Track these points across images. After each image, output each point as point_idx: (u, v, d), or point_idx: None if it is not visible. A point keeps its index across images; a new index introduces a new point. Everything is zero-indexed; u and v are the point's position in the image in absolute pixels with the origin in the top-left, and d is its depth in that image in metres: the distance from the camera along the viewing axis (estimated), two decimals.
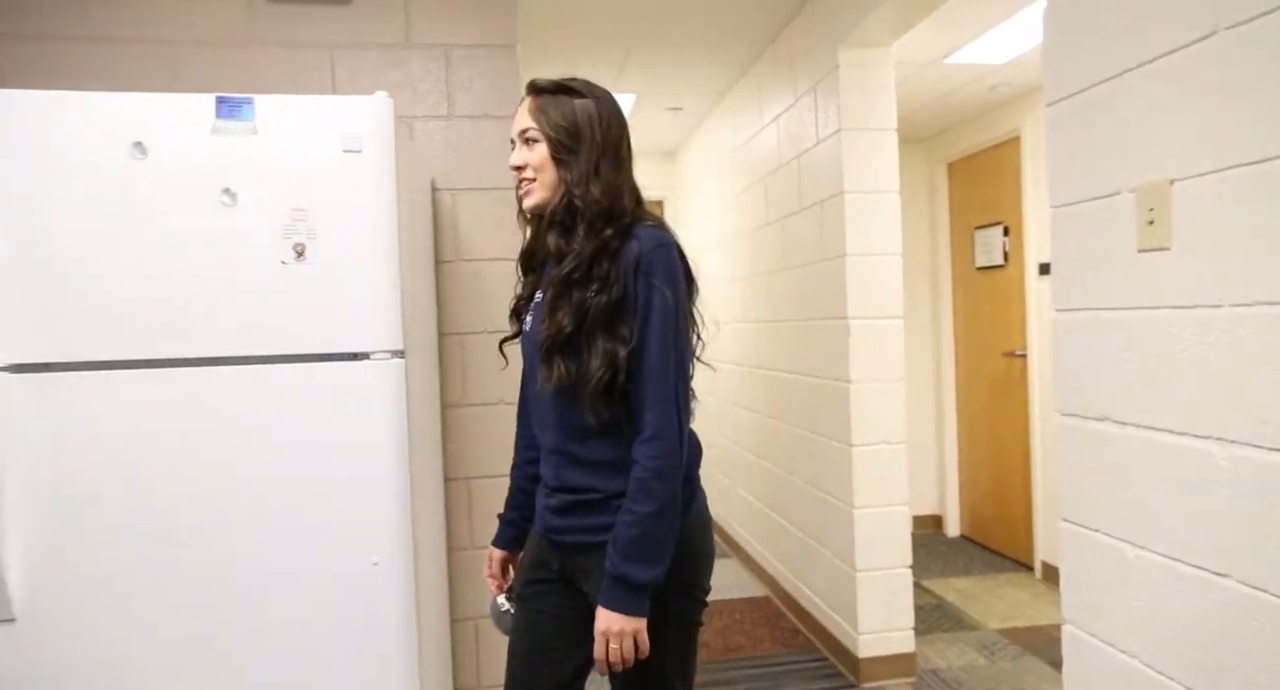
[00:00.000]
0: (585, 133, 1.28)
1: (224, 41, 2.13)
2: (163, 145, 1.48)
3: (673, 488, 1.22)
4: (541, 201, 1.30)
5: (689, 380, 1.28)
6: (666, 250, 1.24)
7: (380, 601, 1.56)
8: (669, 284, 1.23)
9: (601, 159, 1.27)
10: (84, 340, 1.46)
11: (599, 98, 1.31)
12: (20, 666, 1.43)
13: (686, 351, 1.27)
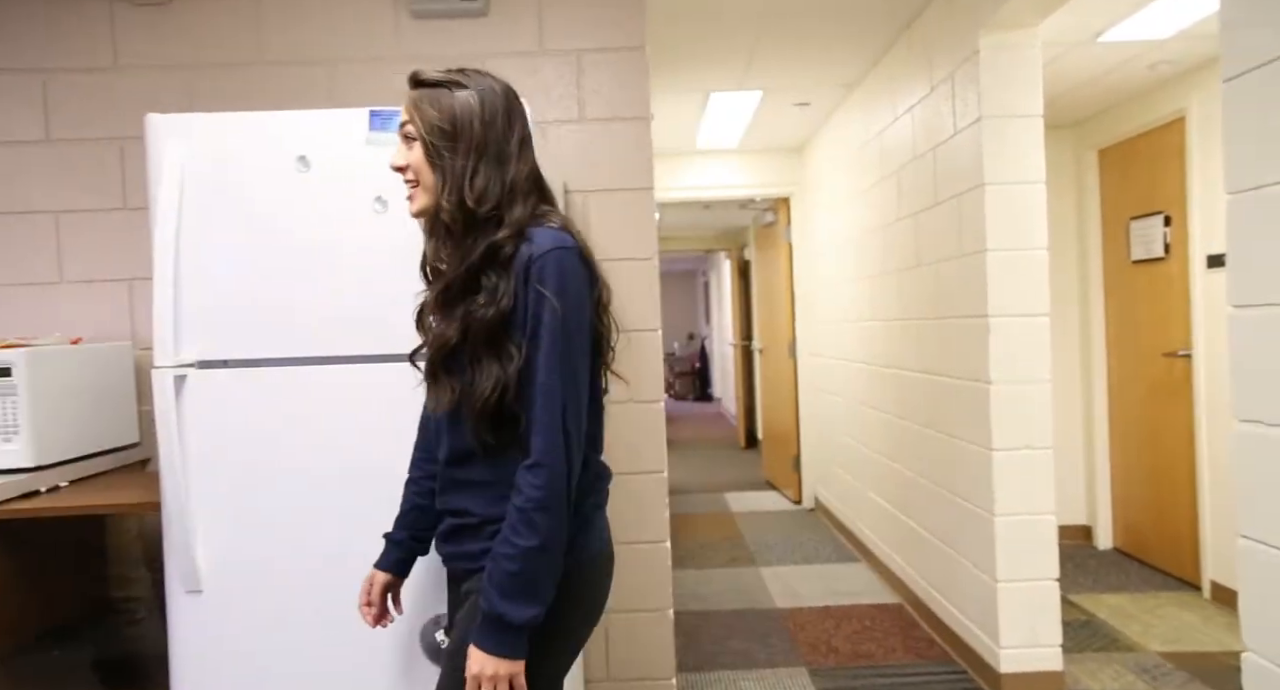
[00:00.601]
0: (464, 129, 1.15)
1: (375, 58, 2.27)
2: (323, 157, 1.59)
3: (556, 520, 1.09)
4: (424, 206, 1.18)
5: (583, 401, 1.13)
6: (560, 255, 1.11)
7: None
8: (560, 293, 1.10)
9: (483, 156, 1.15)
10: (259, 339, 1.59)
11: (484, 88, 1.18)
12: (208, 632, 1.59)
13: (581, 368, 1.13)
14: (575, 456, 1.11)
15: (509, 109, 1.19)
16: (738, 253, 8.29)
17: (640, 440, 2.28)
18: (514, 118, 1.20)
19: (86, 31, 2.26)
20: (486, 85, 1.19)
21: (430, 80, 1.20)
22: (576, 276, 1.13)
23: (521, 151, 1.19)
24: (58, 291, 2.26)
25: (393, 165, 1.22)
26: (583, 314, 1.14)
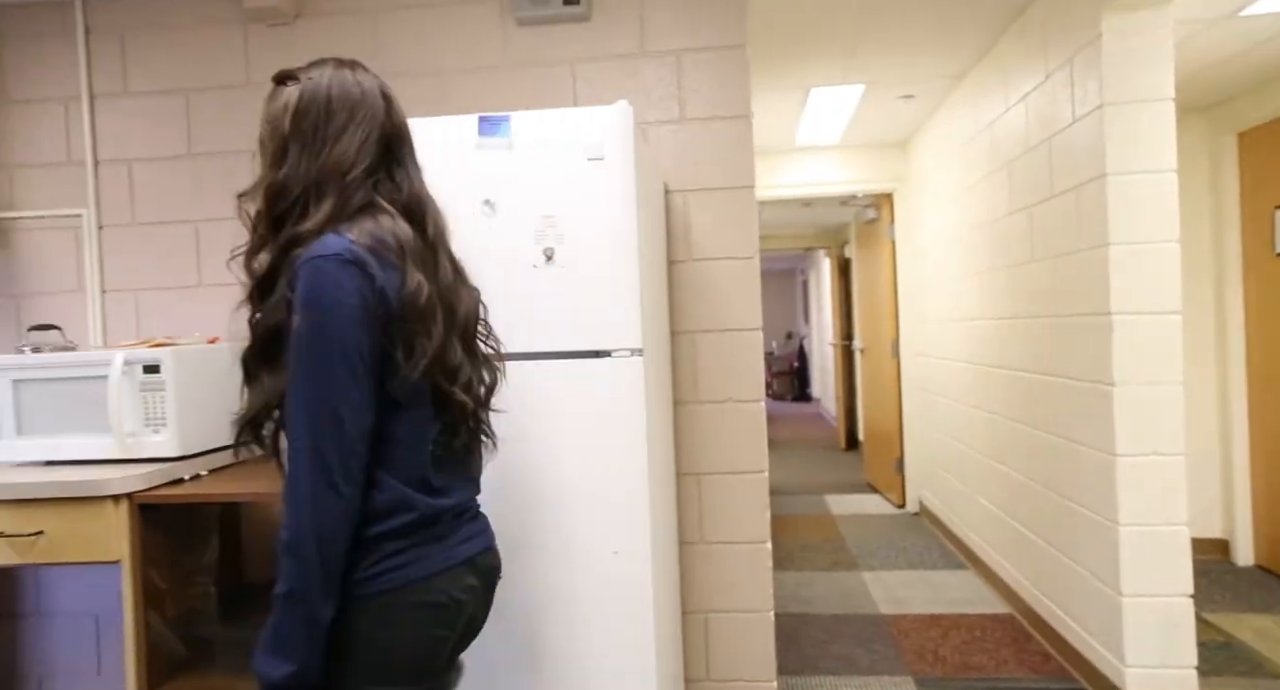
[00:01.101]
0: (276, 127, 1.10)
1: (482, 66, 2.34)
2: (437, 162, 1.65)
3: (303, 566, 0.97)
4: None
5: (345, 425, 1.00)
6: (317, 264, 1.00)
7: (620, 590, 1.64)
8: (308, 306, 1.00)
9: (285, 152, 1.08)
10: None
11: (310, 78, 1.11)
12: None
13: (339, 390, 1.00)
14: (325, 489, 0.98)
15: (330, 103, 1.10)
16: (838, 250, 8.12)
17: (740, 440, 2.27)
18: (334, 112, 1.10)
19: (223, 53, 2.43)
20: (313, 81, 1.11)
21: (277, 78, 1.14)
22: (333, 289, 1.00)
23: (334, 147, 1.09)
24: (197, 294, 2.44)
25: None
26: (340, 331, 1.01)
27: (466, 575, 1.14)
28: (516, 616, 1.65)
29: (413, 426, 1.10)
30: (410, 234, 1.12)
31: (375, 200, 1.11)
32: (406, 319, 1.06)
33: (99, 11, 2.45)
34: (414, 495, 1.09)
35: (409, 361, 1.06)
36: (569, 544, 1.64)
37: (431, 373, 1.10)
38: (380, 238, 1.07)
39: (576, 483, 1.64)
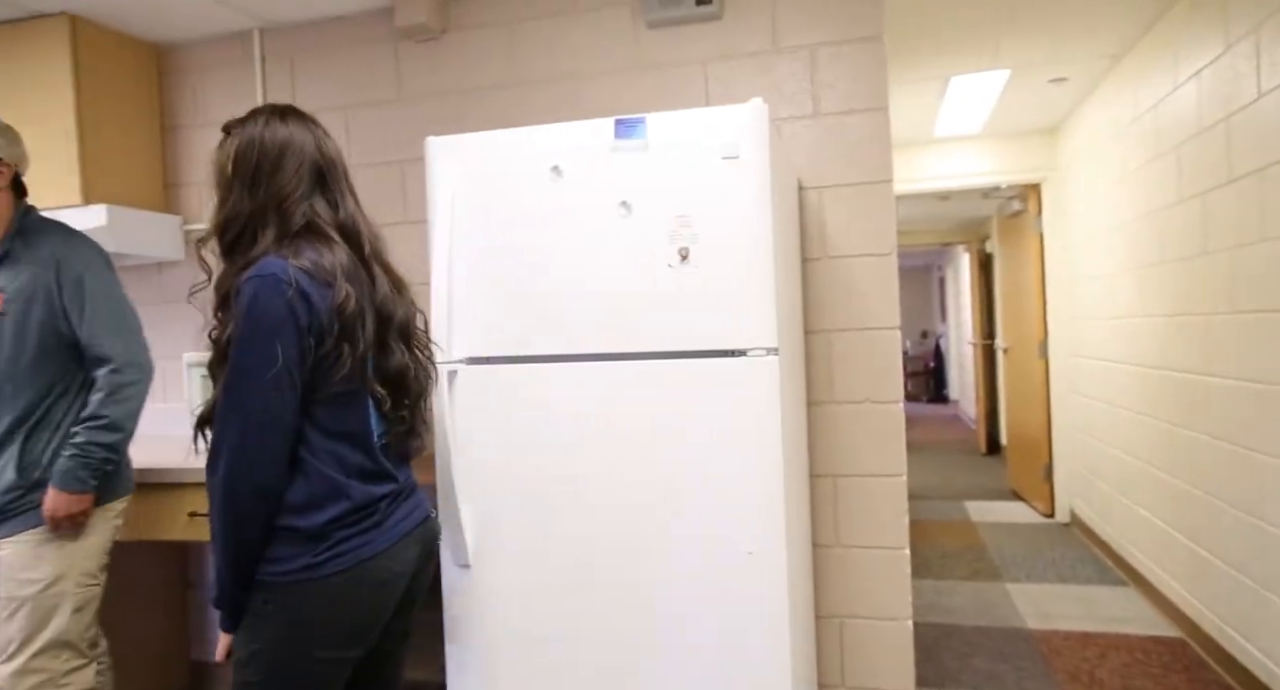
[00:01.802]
0: (220, 172, 1.29)
1: (615, 69, 2.39)
2: (574, 166, 1.70)
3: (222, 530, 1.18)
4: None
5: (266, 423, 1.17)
6: (255, 283, 1.17)
7: (754, 590, 1.62)
8: (243, 318, 1.17)
9: (230, 194, 1.27)
10: (520, 337, 1.73)
11: (245, 135, 1.29)
12: (475, 603, 1.76)
13: (256, 392, 1.16)
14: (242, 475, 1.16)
15: (263, 145, 1.28)
16: (978, 245, 7.72)
17: (878, 442, 2.20)
18: (266, 153, 1.28)
19: (377, 70, 2.59)
20: (247, 131, 1.30)
21: (223, 129, 1.34)
22: (264, 303, 1.17)
23: (269, 182, 1.27)
24: None
25: None
26: (265, 340, 1.16)
27: (409, 547, 1.33)
28: (650, 612, 1.67)
29: (350, 422, 1.27)
30: (345, 253, 1.28)
31: (314, 221, 1.28)
32: (337, 327, 1.22)
33: (273, 40, 2.68)
34: (348, 483, 1.25)
35: (338, 363, 1.22)
36: (702, 543, 1.64)
37: (363, 374, 1.27)
38: (314, 258, 1.23)
39: (710, 482, 1.64)
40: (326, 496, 1.23)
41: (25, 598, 1.72)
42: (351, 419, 1.27)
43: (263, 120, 1.32)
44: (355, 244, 1.33)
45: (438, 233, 1.75)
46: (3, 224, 1.77)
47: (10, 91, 2.50)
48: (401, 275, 1.44)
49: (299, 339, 1.19)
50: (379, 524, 1.28)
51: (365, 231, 1.35)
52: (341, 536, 1.23)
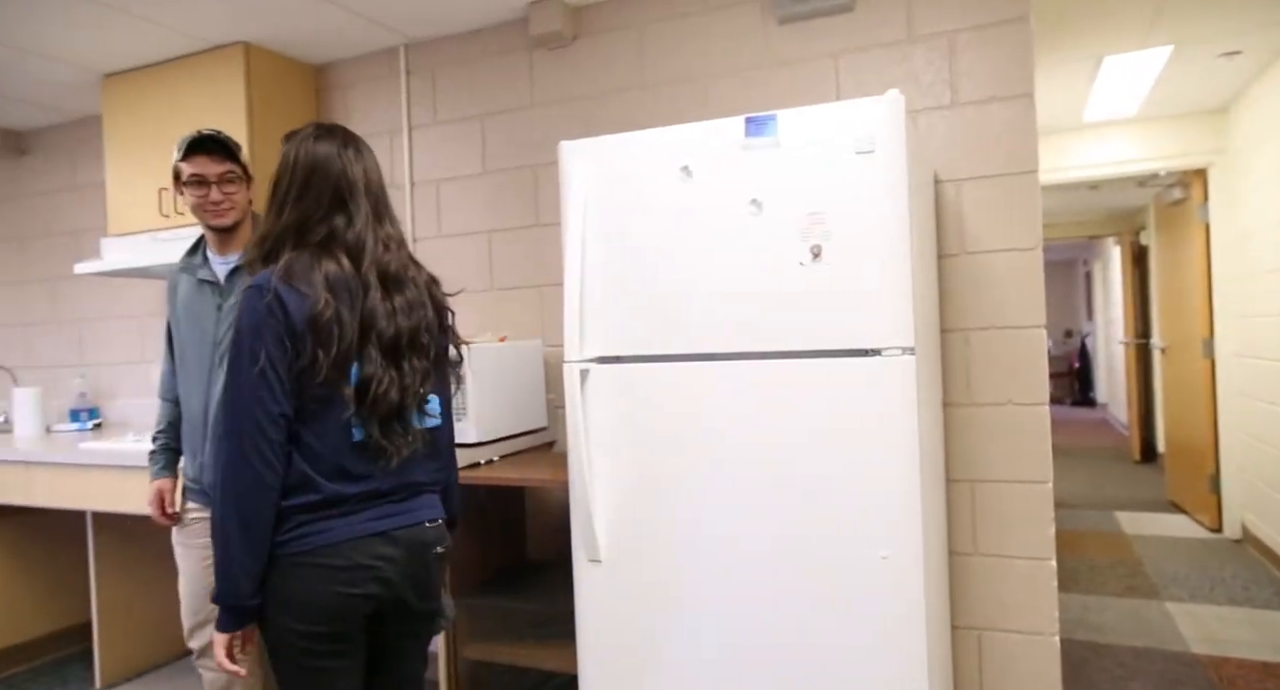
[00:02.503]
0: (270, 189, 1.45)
1: (743, 68, 2.38)
2: (704, 165, 1.70)
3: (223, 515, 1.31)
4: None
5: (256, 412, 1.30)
6: (246, 293, 1.35)
7: (889, 596, 1.58)
8: (237, 323, 1.34)
9: (269, 211, 1.44)
10: (650, 336, 1.76)
11: (287, 144, 1.46)
12: (606, 597, 1.80)
13: (246, 387, 1.31)
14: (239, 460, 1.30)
15: (295, 171, 1.43)
16: (1131, 237, 7.16)
17: (1020, 446, 2.09)
18: (295, 180, 1.43)
19: (511, 79, 2.69)
20: (286, 154, 1.45)
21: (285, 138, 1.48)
22: (252, 312, 1.33)
23: (292, 210, 1.42)
24: (488, 297, 2.73)
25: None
26: (250, 341, 1.32)
27: (379, 545, 1.39)
28: (779, 614, 1.65)
29: (326, 422, 1.36)
30: (345, 268, 1.40)
31: (326, 239, 1.42)
32: (311, 333, 1.33)
33: (417, 55, 2.83)
34: (319, 479, 1.36)
35: (314, 367, 1.33)
36: (834, 545, 1.61)
37: (340, 379, 1.35)
38: (301, 270, 1.36)
39: (842, 483, 1.61)
40: (297, 486, 1.35)
41: None
42: (329, 420, 1.36)
43: (298, 141, 1.46)
44: (356, 261, 1.42)
45: (570, 234, 1.80)
46: (245, 233, 1.96)
47: (194, 114, 2.76)
48: (427, 289, 1.54)
49: (278, 340, 1.33)
50: (347, 515, 1.38)
51: (369, 250, 1.44)
52: (300, 521, 1.35)
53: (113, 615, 2.87)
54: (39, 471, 2.69)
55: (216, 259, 1.98)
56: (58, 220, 3.66)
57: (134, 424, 3.42)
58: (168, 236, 2.75)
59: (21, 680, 2.96)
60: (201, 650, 2.00)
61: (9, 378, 3.71)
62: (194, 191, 1.89)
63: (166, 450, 2.05)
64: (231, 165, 1.90)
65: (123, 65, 2.91)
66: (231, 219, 1.92)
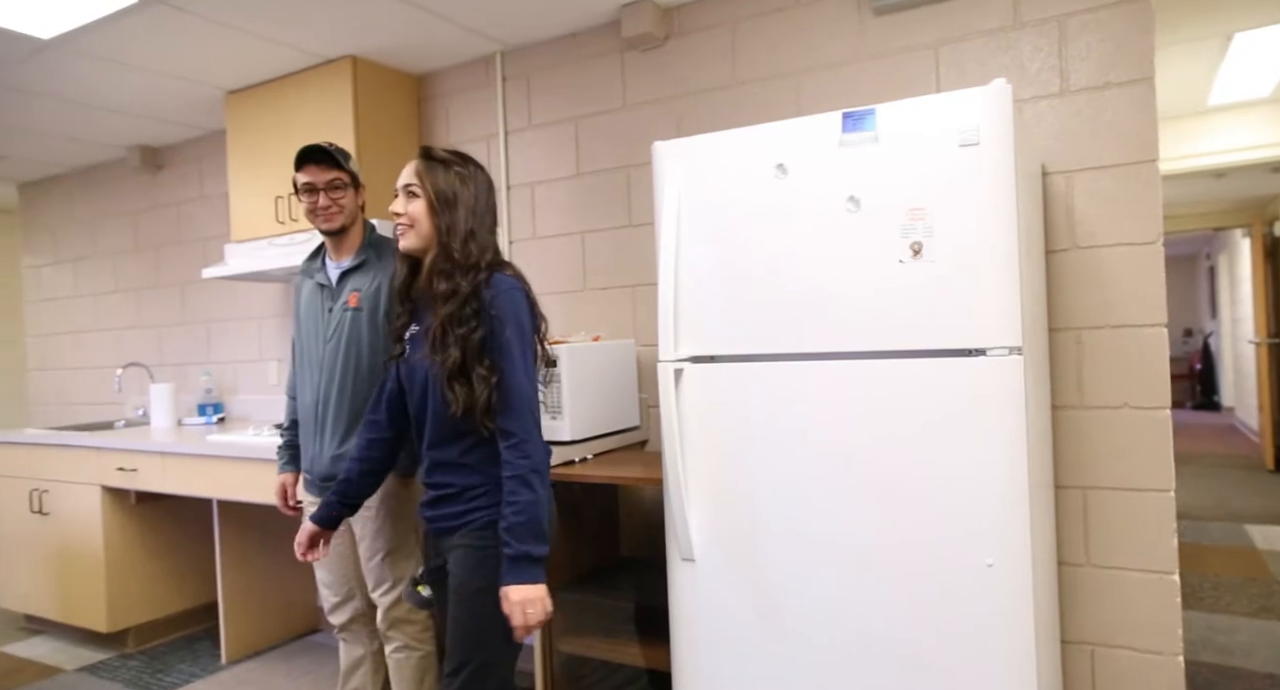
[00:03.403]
0: (463, 199, 1.57)
1: (837, 62, 2.33)
2: (798, 163, 1.69)
3: (545, 480, 1.53)
4: (413, 247, 1.60)
5: (537, 396, 1.56)
6: (513, 294, 1.55)
7: (994, 606, 1.52)
8: (514, 320, 1.53)
9: (470, 221, 1.56)
10: (744, 336, 1.75)
11: (475, 171, 1.62)
12: (700, 596, 1.81)
13: (534, 374, 1.56)
14: (538, 433, 1.54)
15: (490, 191, 1.65)
16: (1263, 228, 6.64)
17: (1139, 452, 1.97)
18: (492, 198, 1.65)
19: (603, 81, 2.73)
20: (475, 171, 1.62)
21: (439, 158, 1.60)
22: (524, 309, 1.56)
23: (492, 223, 1.63)
24: (582, 297, 2.77)
25: (391, 210, 1.59)
26: (530, 335, 1.57)
27: None
28: (875, 618, 1.62)
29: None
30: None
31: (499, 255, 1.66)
32: (543, 331, 1.64)
33: (512, 61, 2.91)
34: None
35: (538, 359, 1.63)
36: (935, 550, 1.56)
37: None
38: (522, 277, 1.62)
39: (945, 488, 1.56)
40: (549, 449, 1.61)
41: (392, 549, 2.03)
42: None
43: (477, 166, 1.65)
44: None
45: (664, 234, 1.81)
46: (360, 238, 2.08)
47: (307, 126, 2.92)
48: None
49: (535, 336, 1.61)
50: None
51: None
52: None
53: (236, 597, 3.06)
54: (172, 461, 2.90)
55: (331, 263, 2.09)
56: (188, 228, 3.93)
57: (253, 418, 3.64)
58: (284, 242, 2.91)
59: (160, 652, 3.20)
60: (343, 625, 2.12)
61: (146, 374, 4.01)
62: (306, 198, 2.01)
63: (291, 446, 2.18)
64: (338, 173, 2.00)
65: (244, 82, 3.10)
66: (338, 223, 2.03)
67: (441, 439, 1.60)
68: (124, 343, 4.23)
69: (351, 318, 2.01)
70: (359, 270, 2.05)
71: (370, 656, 2.15)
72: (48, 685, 2.93)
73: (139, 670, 3.03)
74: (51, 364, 4.63)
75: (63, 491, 3.27)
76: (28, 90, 3.13)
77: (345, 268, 2.05)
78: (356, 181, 2.06)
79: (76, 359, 4.48)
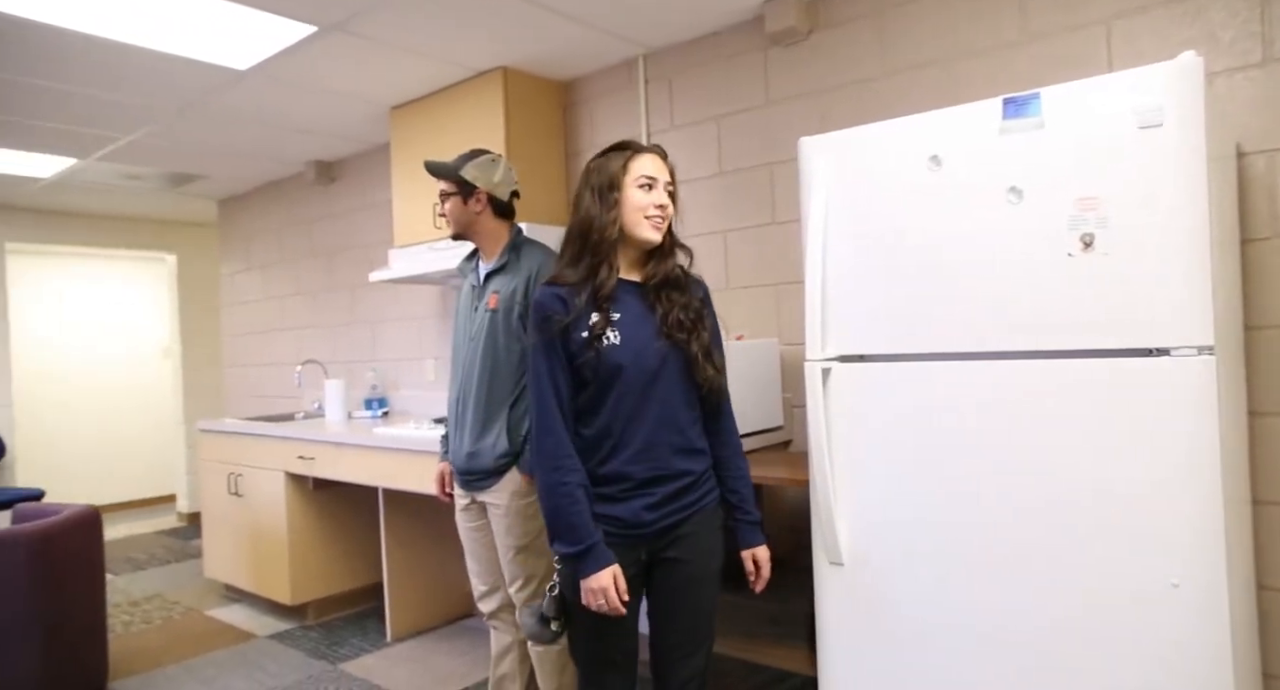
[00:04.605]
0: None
1: (992, 46, 2.20)
2: (954, 153, 1.61)
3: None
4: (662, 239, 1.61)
5: None
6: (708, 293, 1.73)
7: (1182, 631, 1.39)
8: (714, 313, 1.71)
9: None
10: (894, 334, 1.69)
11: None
12: (848, 601, 1.76)
13: None
14: None
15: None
16: None
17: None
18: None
19: (746, 79, 2.71)
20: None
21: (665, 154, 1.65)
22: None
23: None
24: (726, 296, 2.76)
25: (657, 203, 1.57)
26: None
27: None
28: (1040, 637, 1.51)
29: None
30: None
31: None
32: None
33: (654, 64, 2.95)
34: None
35: None
36: (1110, 566, 1.45)
37: None
38: None
39: (1121, 500, 1.44)
40: None
41: (521, 546, 2.09)
42: None
43: None
44: None
45: (811, 231, 1.78)
46: (497, 240, 2.17)
47: (461, 135, 3.08)
48: None
49: None
50: None
51: None
52: None
53: (399, 579, 3.28)
54: (345, 451, 3.15)
55: (482, 265, 2.20)
56: (356, 235, 4.25)
57: (414, 413, 3.88)
58: (442, 246, 3.09)
59: (334, 626, 3.49)
60: (492, 613, 2.23)
61: (321, 371, 4.38)
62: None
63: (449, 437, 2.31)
64: (447, 184, 2.12)
65: (405, 97, 3.31)
66: (450, 229, 2.18)
67: (680, 425, 1.57)
68: (302, 341, 4.63)
69: (489, 319, 2.09)
70: (501, 272, 2.14)
71: (518, 644, 2.23)
72: (245, 648, 3.26)
73: (317, 641, 3.31)
74: (243, 360, 5.15)
75: (253, 476, 3.63)
76: (228, 116, 3.49)
77: (489, 270, 2.15)
78: (468, 189, 2.12)
79: (263, 356, 4.95)
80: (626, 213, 1.54)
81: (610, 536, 1.52)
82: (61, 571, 2.64)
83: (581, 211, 1.58)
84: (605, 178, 1.57)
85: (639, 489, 1.53)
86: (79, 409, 6.25)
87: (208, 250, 5.88)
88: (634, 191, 1.56)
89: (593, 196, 1.57)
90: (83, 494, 5.94)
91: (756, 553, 1.65)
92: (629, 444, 1.53)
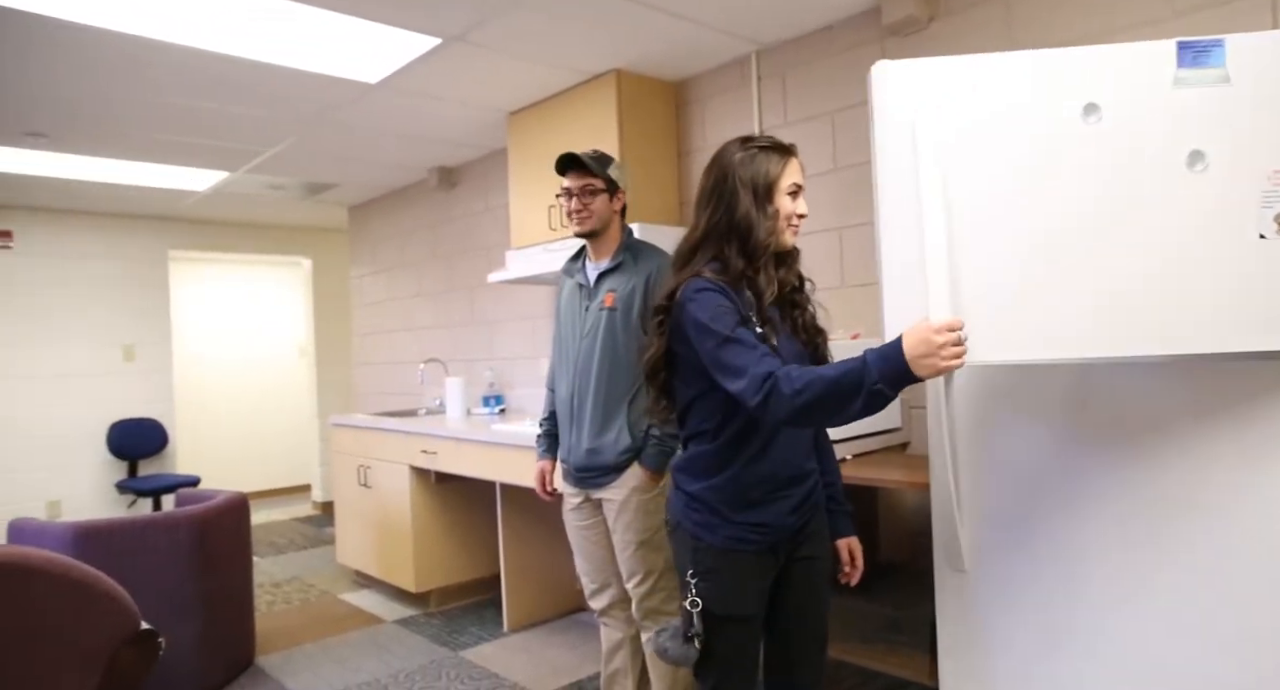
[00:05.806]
0: None
1: (1141, 21, 2.06)
2: (1116, 104, 1.34)
3: None
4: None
5: None
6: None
7: None
8: None
9: None
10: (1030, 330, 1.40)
11: None
12: (971, 610, 1.69)
13: None
14: None
15: None
16: None
17: None
18: None
19: (861, 72, 2.61)
20: None
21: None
22: None
23: None
24: (842, 294, 2.71)
25: (799, 212, 1.56)
26: None
27: None
28: (1193, 665, 1.40)
29: None
30: None
31: None
32: None
33: (766, 60, 2.92)
34: None
35: None
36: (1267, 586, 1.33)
37: None
38: None
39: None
40: None
41: (642, 541, 2.11)
42: None
43: None
44: None
45: (930, 220, 1.66)
46: (615, 241, 2.20)
47: (576, 137, 3.14)
48: None
49: None
50: None
51: None
52: None
53: (516, 571, 3.39)
54: (465, 446, 3.28)
55: (591, 265, 2.23)
56: (474, 238, 4.42)
57: (529, 410, 4.00)
58: (556, 248, 3.17)
59: (454, 614, 3.64)
60: (603, 610, 2.27)
61: (442, 369, 4.57)
62: (565, 202, 2.17)
63: (549, 435, 2.35)
64: (589, 179, 2.13)
65: (522, 103, 3.42)
66: (589, 226, 2.16)
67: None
68: (424, 340, 4.85)
69: (607, 317, 2.12)
70: (616, 272, 2.16)
71: (629, 641, 2.26)
72: (374, 632, 3.45)
73: (439, 628, 3.46)
74: (370, 359, 5.44)
75: (381, 469, 3.83)
76: (358, 127, 3.70)
77: (603, 269, 2.18)
78: (613, 187, 2.16)
79: (389, 354, 5.22)
80: (778, 220, 1.50)
81: (751, 544, 1.47)
82: (217, 552, 2.87)
83: (740, 211, 1.46)
84: (763, 180, 1.49)
85: (779, 491, 1.50)
86: (226, 403, 6.78)
87: (339, 254, 6.25)
88: (785, 198, 1.52)
89: (752, 199, 1.47)
90: (228, 482, 6.44)
91: (851, 542, 1.68)
92: (775, 443, 1.49)
